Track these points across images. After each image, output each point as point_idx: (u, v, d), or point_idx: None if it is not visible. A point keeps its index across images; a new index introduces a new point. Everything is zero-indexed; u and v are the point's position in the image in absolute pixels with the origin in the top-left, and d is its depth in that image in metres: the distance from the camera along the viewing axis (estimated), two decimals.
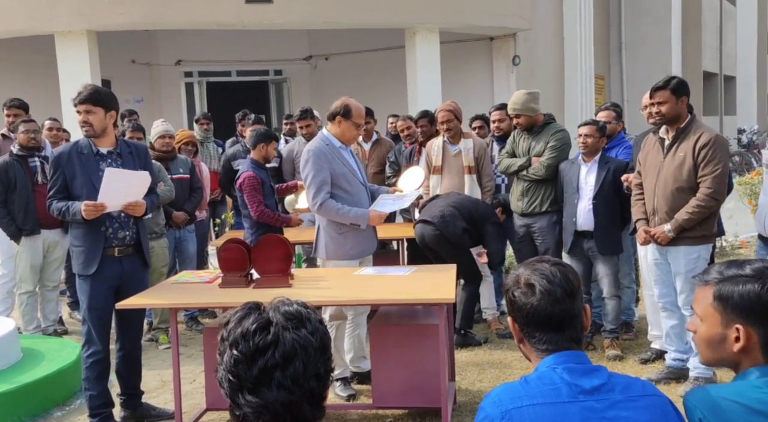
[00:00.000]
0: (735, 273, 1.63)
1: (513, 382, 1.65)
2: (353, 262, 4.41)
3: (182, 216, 5.78)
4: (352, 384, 4.46)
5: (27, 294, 5.55)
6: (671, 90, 4.11)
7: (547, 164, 5.11)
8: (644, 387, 1.65)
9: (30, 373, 4.33)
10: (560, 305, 1.66)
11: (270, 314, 1.36)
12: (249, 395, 1.32)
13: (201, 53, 13.82)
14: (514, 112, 5.28)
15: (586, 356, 1.70)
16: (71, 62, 10.76)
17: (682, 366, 4.42)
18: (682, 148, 4.13)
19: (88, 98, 3.85)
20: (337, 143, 4.41)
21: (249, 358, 1.32)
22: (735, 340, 1.60)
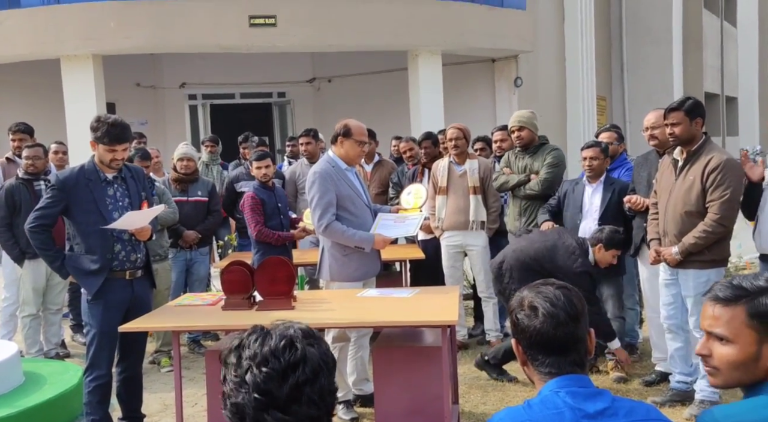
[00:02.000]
0: (762, 285, 1.58)
1: (516, 406, 1.65)
2: (357, 284, 4.40)
3: (193, 236, 5.77)
4: (355, 407, 4.43)
5: (30, 318, 5.55)
6: (685, 111, 4.07)
7: (543, 179, 5.16)
8: (648, 412, 1.64)
9: (32, 397, 4.29)
10: (563, 328, 1.66)
11: (291, 332, 1.38)
12: (279, 412, 1.33)
13: (205, 76, 13.95)
14: (519, 125, 5.31)
15: (589, 380, 1.69)
16: (77, 85, 10.86)
17: (687, 388, 4.39)
18: (692, 170, 4.08)
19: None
20: (343, 165, 4.43)
21: (281, 375, 1.33)
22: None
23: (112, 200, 3.94)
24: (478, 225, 5.60)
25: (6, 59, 11.36)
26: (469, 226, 5.59)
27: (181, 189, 5.80)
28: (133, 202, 4.00)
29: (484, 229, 5.65)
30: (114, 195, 3.96)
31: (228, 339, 1.52)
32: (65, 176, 3.93)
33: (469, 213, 5.57)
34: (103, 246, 3.88)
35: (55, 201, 3.87)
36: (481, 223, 5.62)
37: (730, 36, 21.67)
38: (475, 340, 5.95)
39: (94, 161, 3.95)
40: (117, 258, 3.93)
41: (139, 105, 13.74)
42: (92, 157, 3.98)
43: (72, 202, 3.86)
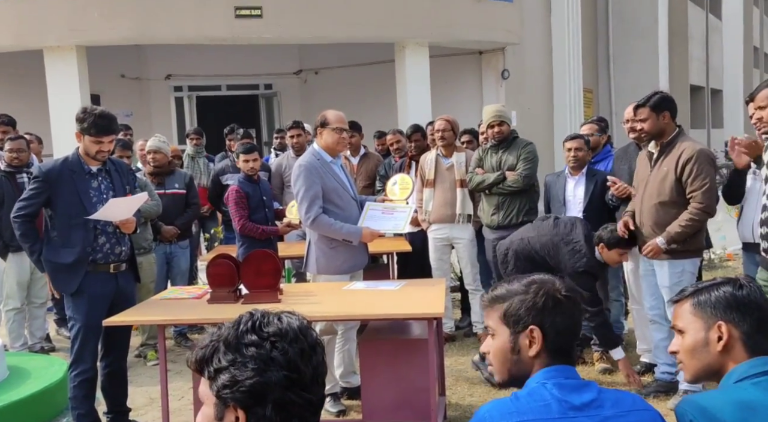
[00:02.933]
0: (707, 284, 1.75)
1: (503, 398, 1.65)
2: (344, 277, 4.40)
3: (172, 231, 5.75)
4: (342, 400, 4.44)
5: (14, 311, 5.50)
6: (651, 107, 4.15)
7: (524, 175, 5.17)
8: (634, 402, 1.66)
9: (16, 391, 4.27)
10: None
11: (297, 316, 1.40)
12: (302, 391, 1.33)
13: (191, 67, 13.83)
14: (499, 119, 5.31)
15: (575, 371, 1.70)
16: (60, 77, 10.73)
17: (671, 378, 4.42)
18: (666, 162, 4.17)
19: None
20: (328, 158, 4.42)
21: (309, 353, 1.34)
22: (718, 340, 1.69)
23: (96, 193, 3.91)
24: (464, 219, 5.61)
25: None
26: (456, 219, 5.60)
27: (157, 182, 5.76)
28: (117, 195, 3.97)
29: (471, 222, 5.66)
30: (98, 187, 3.93)
31: (226, 327, 1.43)
32: (48, 167, 3.89)
33: (456, 206, 5.58)
34: (84, 239, 3.84)
35: (39, 192, 3.84)
36: (468, 216, 5.63)
37: (715, 29, 21.79)
38: (462, 332, 5.97)
39: (78, 153, 3.92)
40: (101, 251, 3.90)
41: (124, 97, 13.62)
42: (76, 149, 3.94)
43: (55, 194, 3.83)
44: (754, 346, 1.68)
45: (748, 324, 1.68)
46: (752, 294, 1.70)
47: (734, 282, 1.73)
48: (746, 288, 1.70)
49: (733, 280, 1.74)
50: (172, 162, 6.01)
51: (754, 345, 1.68)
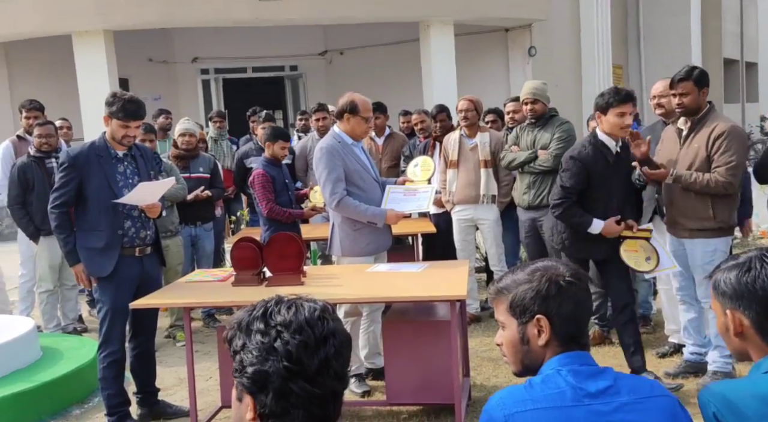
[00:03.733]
0: (726, 264, 1.66)
1: (518, 385, 1.64)
2: (368, 259, 4.41)
3: (202, 195, 5.74)
4: (367, 381, 4.47)
5: (47, 293, 5.63)
6: (694, 81, 4.01)
7: (555, 154, 5.07)
8: (652, 388, 1.63)
9: (49, 372, 4.39)
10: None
11: (319, 305, 1.36)
12: (306, 383, 1.30)
13: (217, 50, 13.88)
14: (533, 97, 5.18)
15: (591, 357, 1.68)
16: (89, 61, 10.85)
17: (700, 360, 4.37)
18: (697, 139, 4.06)
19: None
20: (349, 140, 4.40)
21: (315, 345, 1.31)
22: (732, 326, 1.63)
23: (122, 177, 3.95)
24: (489, 199, 5.57)
25: (19, 36, 11.38)
26: (480, 200, 5.57)
27: (182, 166, 5.80)
28: (142, 180, 4.00)
29: (495, 203, 5.62)
30: (124, 172, 3.97)
31: (245, 310, 1.45)
32: (76, 152, 3.92)
33: (480, 187, 5.54)
34: (113, 223, 3.89)
35: (70, 178, 3.87)
36: (492, 197, 5.59)
37: (750, 1, 21.18)
38: (487, 313, 5.96)
39: (105, 137, 3.95)
40: (127, 234, 3.95)
41: (151, 80, 13.73)
42: (103, 134, 3.98)
43: (84, 178, 3.86)
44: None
45: (755, 312, 1.59)
46: (758, 279, 1.59)
47: (743, 264, 1.62)
48: (754, 271, 1.60)
49: (743, 262, 1.63)
50: (198, 146, 6.06)
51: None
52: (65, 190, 3.88)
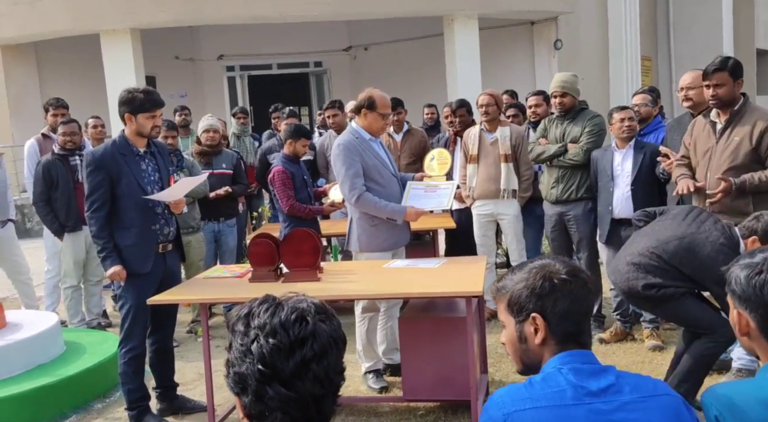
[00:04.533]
0: (742, 261, 1.62)
1: (518, 384, 1.62)
2: (386, 254, 4.40)
3: (221, 192, 5.77)
4: (385, 377, 4.46)
5: (71, 289, 5.71)
6: (729, 71, 3.88)
7: (586, 149, 4.99)
8: (655, 387, 1.59)
9: (72, 366, 4.46)
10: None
11: (304, 305, 1.34)
12: (281, 387, 1.28)
13: (242, 47, 13.98)
14: (561, 90, 5.08)
15: (593, 355, 1.65)
16: (116, 60, 11.01)
17: (724, 357, 4.27)
18: (737, 131, 3.92)
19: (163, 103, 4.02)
20: (367, 135, 4.39)
21: (288, 349, 1.29)
22: (738, 326, 1.60)
23: (145, 174, 3.95)
24: (509, 194, 5.51)
25: (47, 35, 11.58)
26: (500, 195, 5.51)
27: (205, 161, 5.84)
28: (162, 176, 4.03)
29: (516, 198, 5.56)
30: (146, 169, 3.97)
31: (240, 307, 1.46)
32: (100, 153, 3.89)
33: (501, 182, 5.49)
34: (147, 220, 3.91)
35: (100, 179, 3.83)
36: (513, 192, 5.53)
37: None
38: None
39: (125, 135, 3.94)
40: (155, 232, 3.98)
41: (178, 78, 13.89)
42: (122, 132, 3.97)
43: (113, 178, 3.83)
44: None
45: (760, 316, 1.55)
46: (767, 284, 1.54)
47: (756, 265, 1.58)
48: (764, 275, 1.55)
49: (756, 263, 1.59)
50: (221, 142, 6.10)
51: None
52: (99, 193, 3.84)
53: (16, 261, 5.87)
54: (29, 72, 12.69)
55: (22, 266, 5.93)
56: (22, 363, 4.34)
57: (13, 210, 5.92)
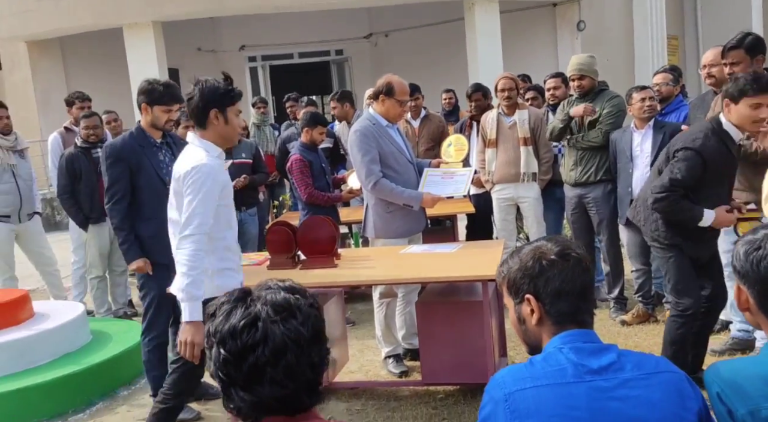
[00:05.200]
0: (746, 237, 1.62)
1: (519, 364, 1.63)
2: (402, 240, 4.40)
3: (242, 181, 5.80)
4: (405, 361, 4.48)
5: (97, 279, 5.83)
6: (746, 49, 3.84)
7: (606, 130, 4.94)
8: (657, 364, 1.59)
9: (98, 354, 4.55)
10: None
11: (258, 307, 1.31)
12: (242, 392, 1.29)
13: (263, 37, 14.03)
14: (579, 73, 5.04)
15: (595, 334, 1.65)
16: (139, 53, 11.13)
17: (747, 336, 4.23)
18: None
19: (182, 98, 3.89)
20: (384, 122, 4.38)
21: (238, 357, 1.28)
22: (738, 301, 1.60)
23: (162, 165, 3.98)
24: (529, 177, 5.47)
25: (71, 31, 11.74)
26: (520, 178, 5.48)
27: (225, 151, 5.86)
28: None
29: (536, 181, 5.52)
30: (164, 160, 4.01)
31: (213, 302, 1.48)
32: (119, 145, 3.91)
33: (520, 165, 5.45)
34: (165, 210, 3.93)
35: (120, 171, 3.85)
36: (533, 175, 5.49)
37: None
38: None
39: (141, 127, 3.97)
40: None
41: (201, 69, 13.81)
42: (138, 123, 4.01)
43: (133, 169, 3.86)
44: None
45: (757, 291, 1.55)
46: (764, 260, 1.53)
47: (755, 241, 1.57)
48: (762, 251, 1.54)
49: (756, 238, 1.58)
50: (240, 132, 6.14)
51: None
52: (120, 186, 3.85)
53: (43, 253, 5.99)
54: (55, 67, 12.89)
55: (50, 258, 6.06)
56: (49, 352, 4.45)
57: (39, 203, 6.03)
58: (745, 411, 1.44)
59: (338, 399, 4.06)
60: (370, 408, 3.93)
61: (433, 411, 3.80)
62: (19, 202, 5.67)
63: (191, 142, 3.24)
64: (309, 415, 1.35)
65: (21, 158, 5.75)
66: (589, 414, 1.48)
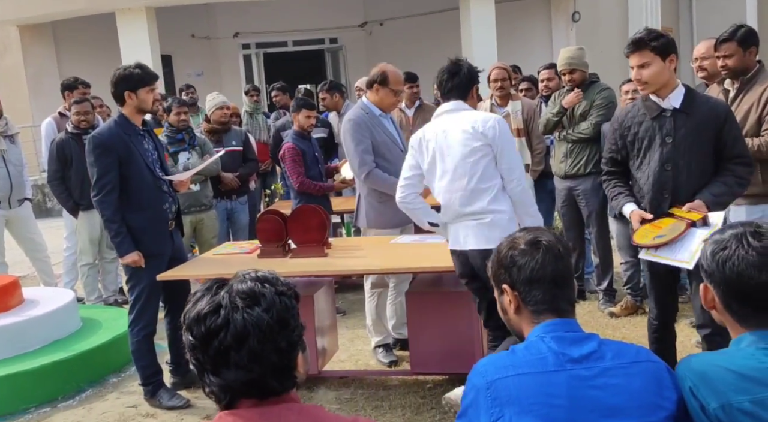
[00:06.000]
0: (714, 235, 1.64)
1: (501, 352, 1.65)
2: (394, 231, 4.41)
3: (232, 179, 5.82)
4: (395, 351, 4.50)
5: (87, 266, 5.81)
6: (738, 41, 3.83)
7: (595, 122, 4.95)
8: (638, 353, 1.62)
9: (88, 341, 4.55)
10: (561, 262, 1.69)
11: (221, 295, 1.38)
12: (212, 376, 1.36)
13: (258, 25, 13.95)
14: (569, 67, 5.05)
15: (577, 324, 1.67)
16: (132, 39, 11.05)
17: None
18: (747, 99, 3.89)
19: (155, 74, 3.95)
20: (377, 111, 4.37)
21: (203, 342, 1.35)
22: (704, 299, 1.63)
23: (147, 153, 3.92)
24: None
25: (63, 15, 11.65)
26: None
27: (215, 140, 5.86)
28: (160, 154, 4.05)
29: (529, 172, 5.53)
30: (148, 148, 3.95)
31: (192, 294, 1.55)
32: (107, 135, 3.80)
33: None
34: (158, 199, 3.92)
35: (109, 162, 3.75)
36: (525, 166, 5.50)
37: None
38: None
39: (124, 115, 3.87)
40: (166, 213, 4.01)
41: (194, 56, 13.91)
42: (120, 113, 3.90)
43: (122, 159, 3.78)
44: (740, 319, 1.57)
45: (722, 291, 1.57)
46: (728, 261, 1.55)
47: (722, 241, 1.58)
48: (728, 251, 1.56)
49: (723, 238, 1.59)
50: (230, 120, 6.12)
51: (738, 317, 1.57)
52: (110, 178, 3.76)
53: (34, 239, 5.98)
54: (47, 51, 12.80)
55: (40, 244, 6.04)
56: (39, 339, 4.45)
57: (29, 189, 6.01)
58: (716, 406, 1.47)
59: (328, 388, 4.08)
60: (359, 396, 3.95)
61: (422, 400, 3.82)
62: (9, 188, 5.65)
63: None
64: (282, 399, 1.39)
65: (11, 143, 5.72)
66: (569, 402, 1.50)
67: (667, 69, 3.22)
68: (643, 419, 1.50)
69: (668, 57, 3.21)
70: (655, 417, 1.51)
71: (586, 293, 5.45)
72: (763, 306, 1.53)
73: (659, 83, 3.23)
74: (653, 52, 3.20)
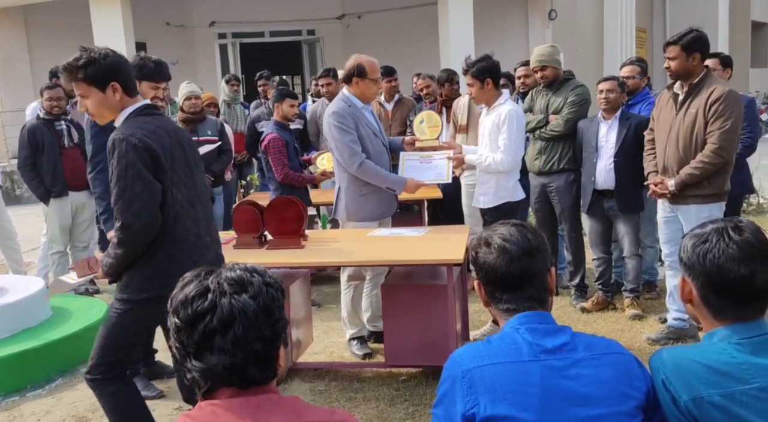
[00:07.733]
0: (693, 231, 1.67)
1: (477, 342, 1.68)
2: (373, 224, 4.40)
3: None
4: (369, 343, 4.51)
5: (58, 254, 5.73)
6: (682, 46, 3.99)
7: (566, 119, 5.00)
8: (608, 346, 1.66)
9: (58, 330, 4.49)
10: (516, 263, 1.69)
11: (210, 280, 1.40)
12: (194, 360, 1.37)
13: (234, 14, 13.84)
14: (540, 64, 5.11)
15: (550, 316, 1.71)
16: (106, 25, 10.88)
17: (683, 325, 4.36)
18: (694, 104, 4.03)
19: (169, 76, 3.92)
20: (359, 103, 4.35)
21: (188, 325, 1.37)
22: (682, 292, 1.66)
23: None
24: None
25: None
26: None
27: (190, 129, 5.80)
28: None
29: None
30: None
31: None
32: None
33: None
34: None
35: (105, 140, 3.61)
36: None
37: None
38: None
39: None
40: None
41: (169, 44, 13.74)
42: None
43: None
44: (716, 312, 1.60)
45: (701, 283, 1.60)
46: (709, 253, 1.58)
47: (702, 235, 1.62)
48: (708, 244, 1.59)
49: (704, 232, 1.62)
50: (204, 109, 6.06)
51: (714, 310, 1.60)
52: (104, 155, 3.59)
53: (4, 226, 5.88)
54: (17, 36, 12.56)
55: (10, 231, 5.94)
56: (8, 327, 4.37)
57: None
58: (687, 398, 1.51)
59: (302, 380, 4.08)
60: (333, 388, 3.96)
61: (396, 393, 3.84)
62: None
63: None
64: (261, 390, 1.40)
65: None
66: (542, 391, 1.54)
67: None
68: (613, 408, 1.54)
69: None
70: (625, 407, 1.55)
71: (558, 288, 5.51)
72: (741, 298, 1.56)
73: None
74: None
